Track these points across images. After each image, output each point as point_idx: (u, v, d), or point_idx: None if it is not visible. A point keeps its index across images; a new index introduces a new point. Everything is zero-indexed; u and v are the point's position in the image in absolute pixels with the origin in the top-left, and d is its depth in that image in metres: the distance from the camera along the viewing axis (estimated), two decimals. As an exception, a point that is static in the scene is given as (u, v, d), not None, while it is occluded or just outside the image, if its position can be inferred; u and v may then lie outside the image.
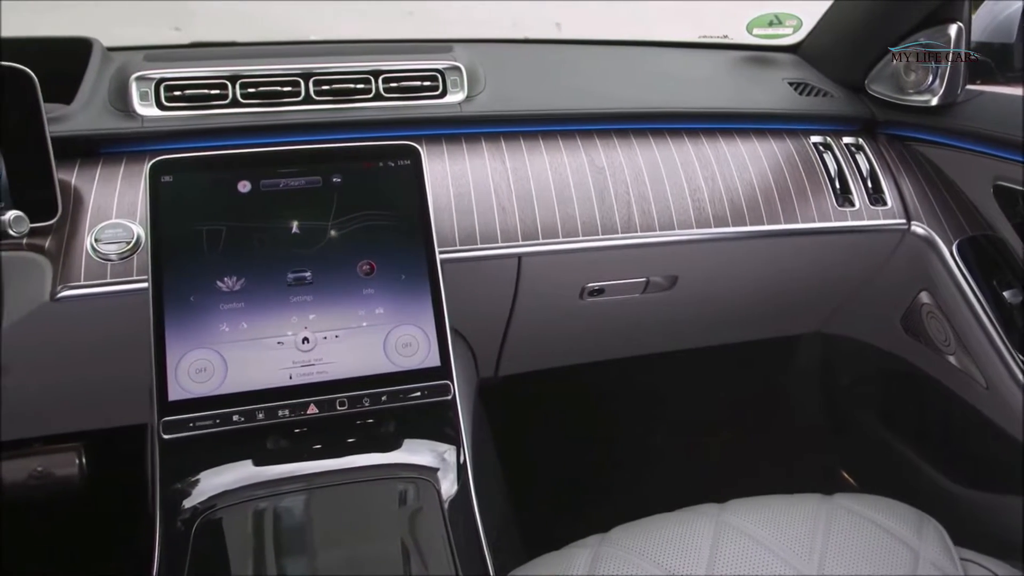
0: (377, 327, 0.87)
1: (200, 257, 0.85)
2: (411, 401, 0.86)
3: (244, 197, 0.88)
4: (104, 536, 1.32)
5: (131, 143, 0.96)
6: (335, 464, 0.84)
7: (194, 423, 0.81)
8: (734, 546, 0.92)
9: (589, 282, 1.09)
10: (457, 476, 0.86)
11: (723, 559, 0.90)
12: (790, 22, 1.33)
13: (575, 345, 1.27)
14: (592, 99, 1.13)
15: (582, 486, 1.50)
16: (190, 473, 0.81)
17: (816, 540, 0.93)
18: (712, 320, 1.29)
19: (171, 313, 0.83)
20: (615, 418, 1.62)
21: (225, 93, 0.99)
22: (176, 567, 0.77)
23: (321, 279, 0.87)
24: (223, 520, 0.80)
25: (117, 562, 1.24)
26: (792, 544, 0.92)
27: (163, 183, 0.86)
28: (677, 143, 1.12)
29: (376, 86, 1.03)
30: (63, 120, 0.93)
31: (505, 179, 1.02)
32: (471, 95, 1.07)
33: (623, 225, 1.04)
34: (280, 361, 0.85)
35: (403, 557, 0.79)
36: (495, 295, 1.05)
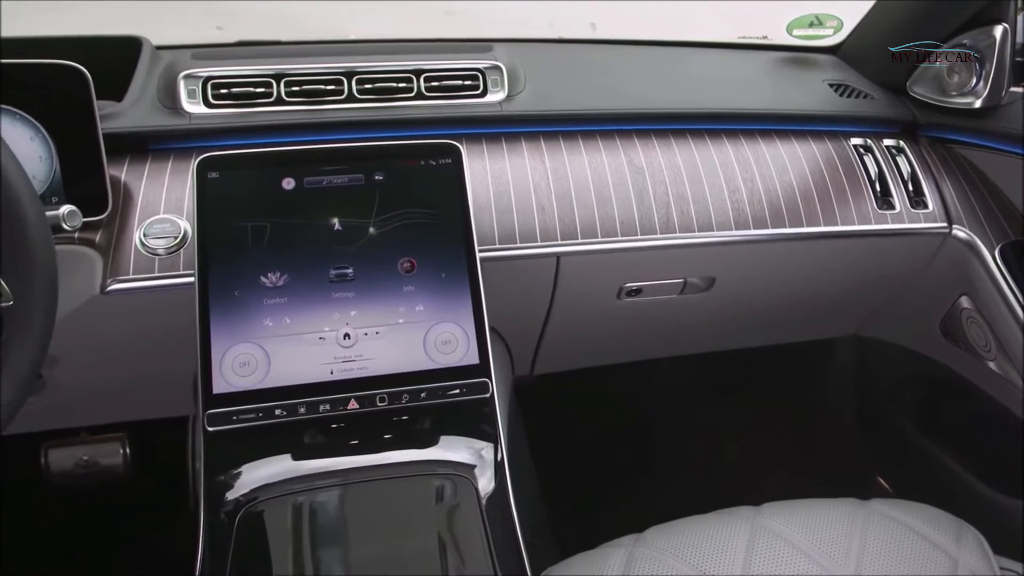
0: (417, 324, 0.88)
1: (245, 253, 0.86)
2: (450, 398, 0.86)
3: (288, 194, 0.89)
4: (147, 524, 1.34)
5: (179, 140, 0.97)
6: (373, 460, 0.85)
7: (237, 416, 0.82)
8: (770, 549, 0.91)
9: (627, 282, 1.08)
10: (494, 473, 0.86)
11: (758, 562, 0.89)
12: (831, 23, 1.31)
13: (611, 345, 1.27)
14: (631, 99, 1.12)
15: (616, 486, 1.49)
16: (233, 465, 0.82)
17: (853, 545, 0.91)
18: (749, 322, 1.28)
19: (216, 308, 0.84)
20: (649, 419, 1.61)
21: (270, 91, 0.99)
22: (219, 558, 0.78)
23: (362, 276, 0.88)
24: (264, 513, 0.80)
25: (160, 550, 1.26)
26: (828, 549, 0.91)
27: (210, 179, 0.87)
28: (716, 144, 1.11)
29: (418, 85, 1.03)
30: (114, 117, 0.94)
31: (544, 178, 1.02)
32: (511, 94, 1.07)
33: (662, 226, 1.03)
34: (321, 356, 0.85)
35: (440, 553, 0.80)
36: (533, 294, 1.05)
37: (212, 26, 1.84)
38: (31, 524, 1.34)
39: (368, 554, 0.79)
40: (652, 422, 1.62)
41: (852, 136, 1.18)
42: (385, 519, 0.82)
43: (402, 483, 0.84)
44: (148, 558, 1.29)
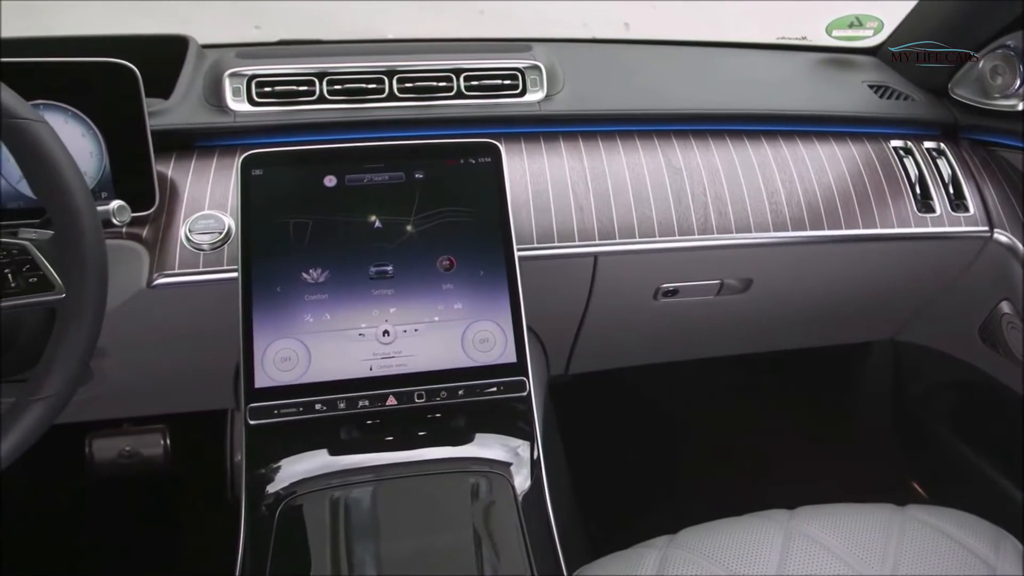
0: (455, 322, 0.88)
1: (287, 249, 0.87)
2: (487, 396, 0.86)
3: (330, 191, 0.90)
4: (186, 514, 1.36)
5: (224, 137, 0.98)
6: (410, 456, 0.85)
7: (278, 410, 0.83)
8: (804, 554, 0.90)
9: (663, 283, 1.08)
10: (530, 471, 0.86)
11: (793, 566, 0.88)
12: (871, 24, 1.29)
13: (646, 346, 1.26)
14: (669, 100, 1.12)
15: (648, 486, 1.48)
16: (273, 459, 0.83)
17: (889, 551, 0.90)
18: (785, 324, 1.26)
19: (259, 303, 0.85)
20: (684, 420, 1.61)
21: (312, 89, 1.00)
22: (261, 550, 0.79)
23: (402, 273, 0.88)
24: (303, 507, 0.81)
25: (199, 541, 1.27)
26: (864, 554, 0.90)
27: (254, 176, 0.88)
28: (755, 145, 1.10)
29: (457, 84, 1.04)
30: (161, 114, 0.96)
31: (583, 178, 1.02)
32: (550, 94, 1.07)
33: (699, 227, 1.02)
34: (361, 352, 0.86)
35: (476, 550, 0.80)
36: (570, 293, 1.05)
37: (250, 25, 1.87)
38: (75, 511, 1.36)
39: (404, 549, 0.80)
40: (685, 423, 1.61)
41: (892, 138, 1.16)
42: (421, 515, 0.82)
43: (438, 479, 0.84)
44: (187, 548, 1.31)
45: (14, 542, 1.31)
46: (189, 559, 1.30)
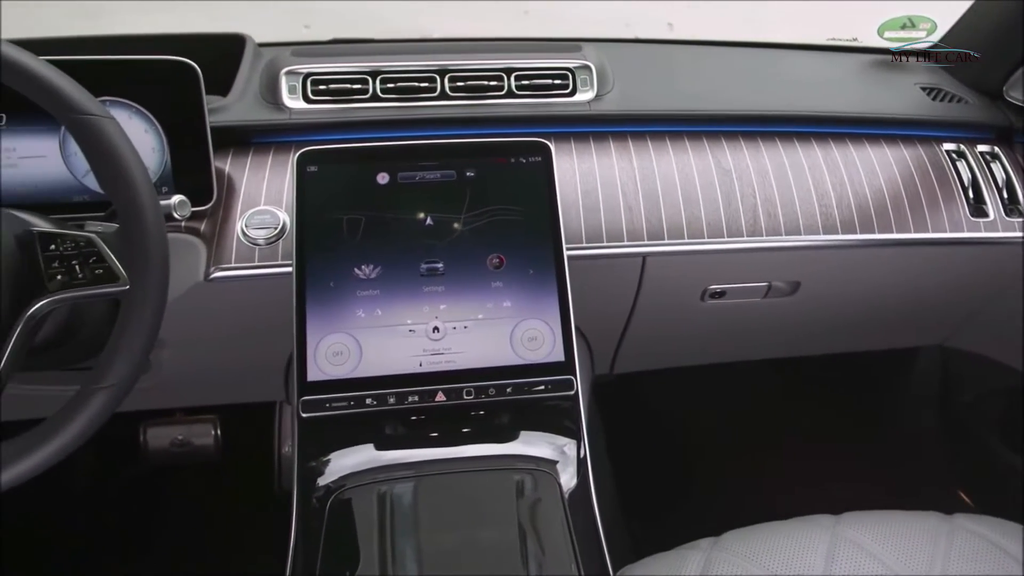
0: (504, 320, 0.88)
1: (340, 245, 0.88)
2: (535, 394, 0.86)
3: (383, 188, 0.90)
4: (235, 504, 1.38)
5: (279, 134, 1.00)
6: (457, 452, 0.85)
7: (330, 404, 0.84)
8: (850, 560, 0.88)
9: (711, 284, 1.07)
10: (577, 470, 0.86)
11: (838, 572, 0.87)
12: (924, 25, 1.27)
13: (692, 347, 1.25)
14: (719, 101, 1.11)
15: (690, 488, 1.47)
16: (324, 452, 0.84)
17: (936, 561, 0.89)
18: (832, 328, 1.25)
19: (312, 297, 0.86)
20: (727, 422, 1.59)
21: (366, 88, 1.01)
22: (312, 541, 0.79)
23: (452, 270, 0.88)
24: (352, 500, 0.82)
25: (249, 530, 1.29)
26: (911, 563, 0.88)
27: (309, 172, 0.89)
28: (805, 147, 1.09)
29: (508, 83, 1.04)
30: (220, 111, 0.97)
31: (632, 178, 1.01)
32: (600, 94, 1.06)
33: (748, 228, 1.01)
34: (411, 348, 0.86)
35: (522, 546, 0.79)
36: (617, 293, 1.05)
37: (300, 24, 1.89)
38: (129, 497, 1.39)
39: (452, 544, 0.80)
40: (729, 425, 1.59)
41: (944, 141, 1.14)
42: (468, 511, 0.82)
43: (485, 476, 0.84)
44: (236, 537, 1.33)
45: (71, 525, 1.35)
46: (238, 547, 1.31)
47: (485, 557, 0.79)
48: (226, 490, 1.38)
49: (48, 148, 0.87)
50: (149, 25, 1.85)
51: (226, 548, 1.33)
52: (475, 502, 0.83)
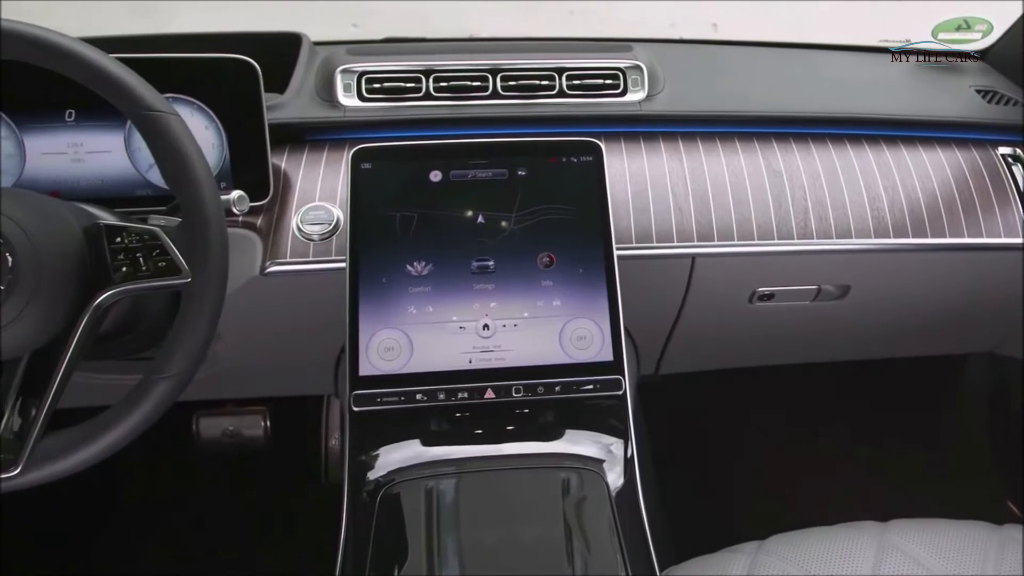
0: (554, 319, 0.88)
1: (392, 241, 0.88)
2: (583, 394, 0.86)
3: (435, 186, 0.91)
4: (283, 494, 1.40)
5: (334, 131, 1.00)
6: (505, 449, 0.86)
7: (381, 398, 0.84)
8: (897, 568, 0.87)
9: (760, 287, 1.06)
10: (624, 469, 0.86)
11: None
12: (979, 26, 1.24)
13: (739, 349, 1.24)
14: (769, 102, 1.09)
15: (734, 491, 1.45)
16: (374, 447, 0.85)
17: (986, 572, 0.86)
18: (881, 333, 1.22)
19: (365, 293, 0.87)
20: (773, 425, 1.57)
21: (419, 86, 1.01)
22: (362, 535, 0.80)
23: (503, 268, 0.89)
24: (401, 494, 0.82)
25: (298, 521, 1.31)
26: (959, 573, 0.86)
27: (363, 170, 0.90)
28: (856, 149, 1.07)
29: (560, 83, 1.03)
30: (277, 108, 0.98)
31: (682, 179, 1.00)
32: (651, 94, 1.06)
33: (799, 231, 0.99)
34: (461, 345, 0.87)
35: (568, 544, 0.79)
36: (665, 294, 1.04)
37: (348, 23, 1.90)
38: (181, 485, 1.42)
39: (499, 541, 0.80)
40: (774, 428, 1.57)
41: (999, 145, 1.11)
42: (515, 508, 0.82)
43: (532, 474, 0.84)
44: (284, 528, 1.35)
45: (121, 510, 1.38)
46: (284, 537, 1.33)
47: (532, 555, 0.79)
48: (274, 481, 1.40)
49: (113, 143, 0.89)
50: (199, 24, 1.87)
51: (273, 538, 1.35)
52: (522, 500, 0.83)
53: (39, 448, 0.69)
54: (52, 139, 0.88)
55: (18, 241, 0.66)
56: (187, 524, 1.39)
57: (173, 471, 1.39)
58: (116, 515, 1.39)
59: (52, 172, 0.89)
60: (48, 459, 0.69)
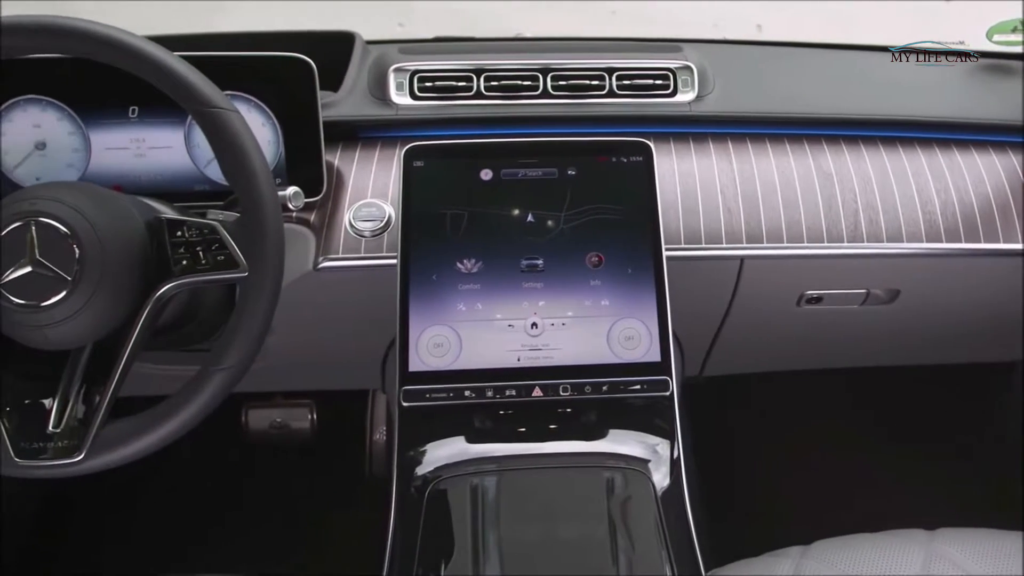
0: (602, 318, 0.87)
1: (443, 238, 0.89)
2: (631, 393, 0.86)
3: (485, 184, 0.91)
4: (328, 487, 1.41)
5: (386, 129, 1.01)
6: (551, 447, 0.85)
7: (430, 394, 0.84)
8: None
9: (808, 290, 1.04)
10: (670, 470, 0.85)
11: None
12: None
13: (785, 352, 1.22)
14: (819, 104, 1.08)
15: (778, 494, 1.43)
16: (422, 442, 0.85)
17: (1037, 582, 0.84)
18: (930, 338, 1.20)
19: (415, 289, 0.87)
20: (818, 429, 1.54)
21: (470, 85, 1.01)
22: (410, 530, 0.80)
23: (551, 267, 0.88)
24: (448, 491, 0.82)
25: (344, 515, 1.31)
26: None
27: (415, 167, 0.90)
28: (908, 152, 1.05)
29: (610, 83, 1.03)
30: (331, 106, 0.99)
31: (732, 180, 0.99)
32: (701, 95, 1.05)
33: (849, 234, 0.98)
34: (510, 343, 0.87)
35: (613, 544, 0.79)
36: (712, 295, 1.03)
37: (394, 23, 1.91)
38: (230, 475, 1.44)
39: (542, 538, 0.80)
40: (818, 433, 1.55)
41: (1057, 148, 1.08)
42: (560, 506, 0.82)
43: (578, 472, 0.84)
44: (330, 520, 1.35)
45: (171, 498, 1.40)
46: (332, 530, 1.34)
47: (578, 554, 0.79)
48: (319, 473, 1.41)
49: (174, 139, 0.90)
50: (244, 23, 1.90)
51: (316, 531, 1.36)
52: (568, 498, 0.83)
53: (101, 435, 0.71)
54: (116, 135, 0.89)
55: (85, 234, 0.68)
56: (231, 511, 1.41)
57: (220, 462, 1.41)
58: (160, 502, 1.41)
59: (115, 167, 0.90)
60: (109, 446, 0.71)
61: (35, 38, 0.70)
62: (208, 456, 1.36)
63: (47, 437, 0.70)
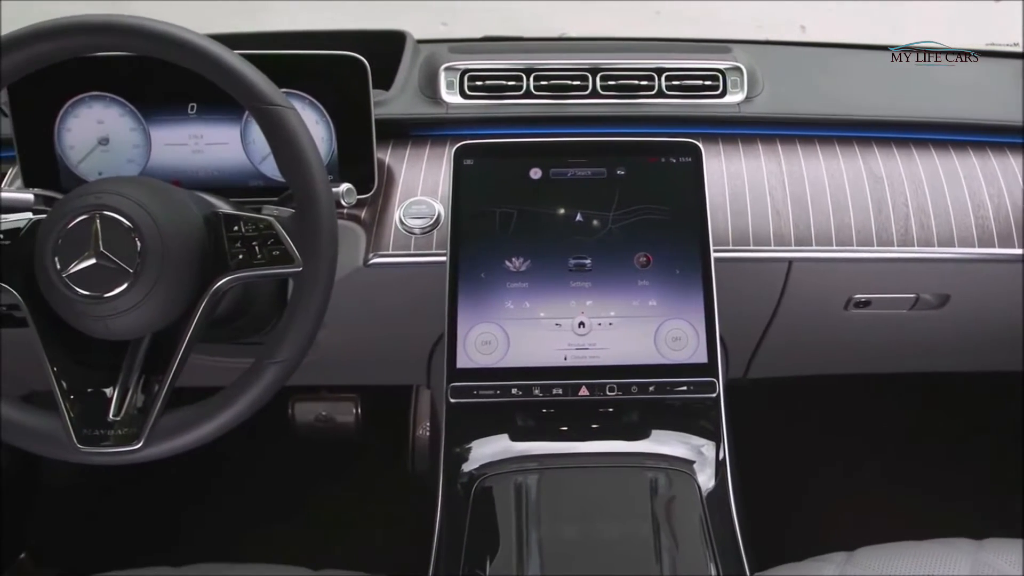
0: (649, 319, 0.87)
1: (492, 237, 0.89)
2: (677, 394, 0.85)
3: (535, 183, 0.91)
4: (371, 481, 1.41)
5: (437, 127, 1.01)
6: (596, 447, 0.85)
7: (477, 391, 0.85)
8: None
9: (856, 293, 1.02)
10: (715, 472, 0.84)
11: (982, 600, 0.82)
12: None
13: (831, 356, 1.20)
14: (869, 106, 1.06)
15: (822, 499, 1.41)
16: (469, 439, 0.85)
17: (1091, 596, 0.82)
18: (980, 345, 1.17)
19: (464, 287, 0.87)
20: (862, 434, 1.52)
21: (520, 84, 1.01)
22: (457, 527, 0.81)
23: (599, 267, 0.88)
24: (494, 488, 0.82)
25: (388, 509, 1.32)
26: (1061, 596, 0.82)
27: (465, 166, 0.91)
28: (961, 155, 1.02)
29: (659, 83, 1.02)
30: (383, 104, 1.00)
31: (781, 182, 0.98)
32: (750, 96, 1.03)
33: (899, 238, 0.96)
34: (557, 342, 0.86)
35: (659, 544, 0.78)
36: (759, 297, 1.01)
37: (438, 22, 1.91)
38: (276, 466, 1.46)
39: (590, 537, 0.79)
40: (864, 438, 1.52)
41: (1114, 153, 1.04)
42: (605, 505, 0.82)
43: (623, 472, 0.84)
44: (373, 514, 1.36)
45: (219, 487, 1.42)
46: (373, 523, 1.34)
47: (621, 553, 0.78)
48: (363, 466, 1.42)
49: (230, 135, 0.91)
50: (296, 21, 1.91)
51: (360, 524, 1.36)
52: (612, 498, 0.82)
53: (159, 424, 0.72)
54: (175, 131, 0.91)
55: (147, 228, 0.69)
56: (277, 500, 1.42)
57: (266, 454, 1.42)
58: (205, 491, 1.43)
59: (174, 162, 0.92)
60: (167, 435, 0.72)
61: (102, 36, 0.71)
62: (254, 448, 1.37)
63: (108, 425, 0.71)
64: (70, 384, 0.73)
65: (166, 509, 1.43)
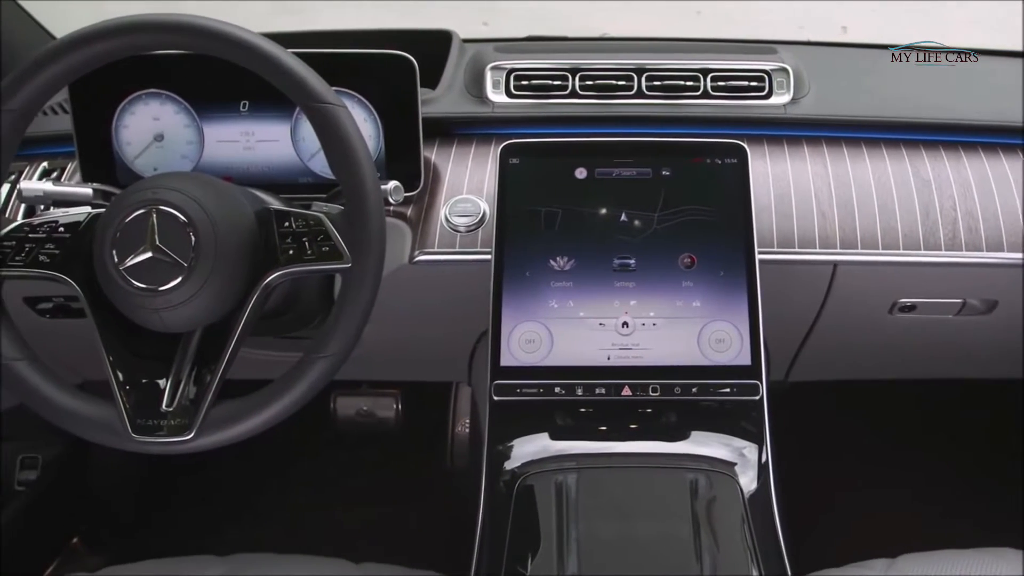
0: (693, 320, 0.86)
1: (537, 236, 0.88)
2: (720, 396, 0.84)
3: (580, 183, 0.90)
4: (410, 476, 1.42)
5: (482, 126, 1.01)
6: (638, 447, 0.84)
7: (521, 389, 0.84)
8: (1041, 602, 0.80)
9: (901, 297, 1.00)
10: (758, 474, 0.83)
11: (1029, 612, 0.79)
12: None
13: (874, 360, 1.18)
14: (917, 108, 1.04)
15: (863, 504, 1.39)
16: (511, 437, 0.85)
17: None
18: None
19: (508, 285, 0.87)
20: (905, 440, 1.49)
21: (565, 84, 1.01)
22: (499, 524, 0.80)
23: (643, 267, 0.87)
24: (535, 486, 0.82)
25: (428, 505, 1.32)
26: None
27: (511, 164, 0.90)
28: (1011, 159, 1.00)
29: (704, 84, 1.01)
30: (429, 103, 1.00)
31: (826, 184, 0.96)
32: (796, 97, 1.02)
33: (947, 242, 0.94)
34: (600, 342, 0.86)
35: (699, 545, 0.77)
36: (803, 300, 1.00)
37: (479, 22, 1.92)
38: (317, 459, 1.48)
39: (633, 537, 0.78)
40: (907, 444, 1.49)
41: None
42: (646, 505, 0.81)
43: (665, 472, 0.82)
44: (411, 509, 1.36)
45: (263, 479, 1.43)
46: (413, 518, 1.34)
47: (662, 552, 0.77)
48: (402, 461, 1.42)
49: (280, 133, 0.92)
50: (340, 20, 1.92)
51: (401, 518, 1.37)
52: (653, 498, 0.81)
53: (210, 416, 0.72)
54: (227, 128, 0.92)
55: (201, 223, 0.69)
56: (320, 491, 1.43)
57: (307, 447, 1.43)
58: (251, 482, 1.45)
59: (226, 158, 0.92)
60: (217, 427, 0.73)
61: (160, 35, 0.72)
62: (296, 441, 1.38)
63: (161, 415, 0.72)
64: (125, 375, 0.74)
65: (212, 499, 1.45)
